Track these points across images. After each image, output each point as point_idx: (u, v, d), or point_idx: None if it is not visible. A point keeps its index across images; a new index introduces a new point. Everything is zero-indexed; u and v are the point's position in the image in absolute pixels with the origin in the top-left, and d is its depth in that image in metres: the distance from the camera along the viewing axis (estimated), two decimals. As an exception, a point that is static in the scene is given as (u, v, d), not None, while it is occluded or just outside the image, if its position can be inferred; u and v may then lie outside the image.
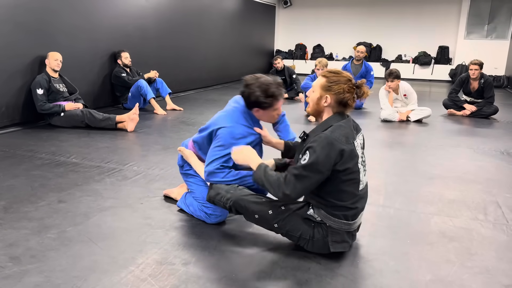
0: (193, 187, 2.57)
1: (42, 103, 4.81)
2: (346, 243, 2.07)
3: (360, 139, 2.10)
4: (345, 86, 1.99)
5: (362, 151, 2.09)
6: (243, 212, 2.14)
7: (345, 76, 2.02)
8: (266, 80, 2.27)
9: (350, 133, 1.99)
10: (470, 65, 6.09)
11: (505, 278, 1.98)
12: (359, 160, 2.00)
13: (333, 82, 2.00)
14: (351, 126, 2.04)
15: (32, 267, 1.96)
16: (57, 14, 5.33)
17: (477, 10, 11.36)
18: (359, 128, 2.15)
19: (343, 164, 1.92)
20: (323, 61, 5.96)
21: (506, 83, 10.78)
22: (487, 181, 3.38)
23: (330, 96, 2.01)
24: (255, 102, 2.27)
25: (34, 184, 3.06)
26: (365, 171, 2.10)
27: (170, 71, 7.69)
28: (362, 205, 2.09)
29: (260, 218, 2.10)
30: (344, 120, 2.03)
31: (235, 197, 2.13)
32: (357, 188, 2.02)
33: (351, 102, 2.03)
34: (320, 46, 13.08)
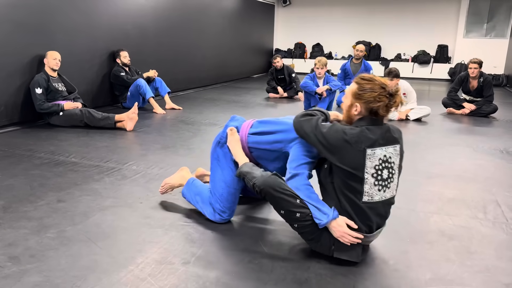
0: (218, 173, 2.41)
1: (41, 103, 4.80)
2: (352, 253, 2.01)
3: (388, 152, 1.94)
4: (376, 94, 1.89)
5: (386, 165, 1.93)
6: (270, 201, 2.04)
7: (378, 84, 1.91)
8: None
9: (368, 139, 1.89)
10: (470, 64, 6.09)
11: (505, 276, 1.98)
12: (367, 170, 1.89)
13: (364, 90, 1.92)
14: (378, 134, 1.92)
15: (31, 267, 1.96)
16: (56, 13, 5.31)
17: (476, 9, 11.36)
18: (394, 140, 1.97)
19: (338, 161, 1.90)
20: (323, 60, 5.96)
21: (505, 81, 10.78)
22: (487, 180, 3.38)
23: (360, 105, 1.93)
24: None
25: (33, 184, 3.06)
26: (383, 187, 1.95)
27: (169, 70, 7.68)
28: (368, 221, 1.97)
29: (284, 214, 2.02)
30: (375, 126, 1.93)
31: (268, 187, 2.00)
32: (359, 197, 1.93)
33: (382, 112, 1.92)
34: (319, 45, 13.07)
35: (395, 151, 1.98)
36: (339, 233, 1.95)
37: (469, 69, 6.11)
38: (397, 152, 1.99)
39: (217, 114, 5.98)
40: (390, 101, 1.91)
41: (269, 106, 6.96)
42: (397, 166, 2.00)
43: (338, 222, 1.95)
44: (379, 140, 1.92)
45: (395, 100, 1.92)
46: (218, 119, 5.58)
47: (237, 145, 2.36)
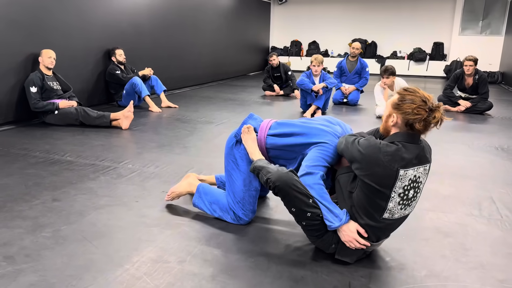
0: (237, 176, 2.37)
1: (35, 101, 4.78)
2: (354, 256, 2.01)
3: (418, 172, 1.87)
4: (415, 106, 1.80)
5: (413, 185, 1.87)
6: (283, 198, 1.99)
7: (419, 96, 1.83)
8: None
9: (403, 159, 1.81)
10: (465, 61, 6.11)
11: (500, 273, 1.99)
12: (396, 189, 1.83)
13: (404, 100, 1.84)
14: (413, 154, 1.84)
15: (26, 266, 1.95)
16: (50, 12, 5.28)
17: (472, 6, 11.39)
18: (426, 160, 1.91)
19: (367, 177, 1.84)
20: (319, 57, 5.96)
21: (500, 79, 10.82)
22: (482, 176, 3.39)
23: (398, 116, 1.86)
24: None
25: (28, 183, 3.04)
26: (405, 205, 1.90)
27: (165, 68, 7.66)
28: (380, 234, 1.97)
29: (295, 212, 1.99)
30: (411, 145, 1.85)
31: (282, 183, 1.95)
32: (379, 214, 1.88)
33: (418, 126, 1.81)
34: (315, 43, 13.07)
35: (424, 171, 1.92)
36: (348, 237, 1.94)
37: (464, 67, 6.13)
38: (426, 172, 1.93)
39: (213, 112, 5.97)
40: (429, 116, 1.80)
41: (266, 104, 6.96)
42: (423, 185, 1.95)
43: (350, 228, 1.94)
44: (413, 160, 1.84)
45: (434, 115, 1.81)
46: (214, 117, 5.57)
47: (254, 143, 2.33)
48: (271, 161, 2.38)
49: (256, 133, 2.38)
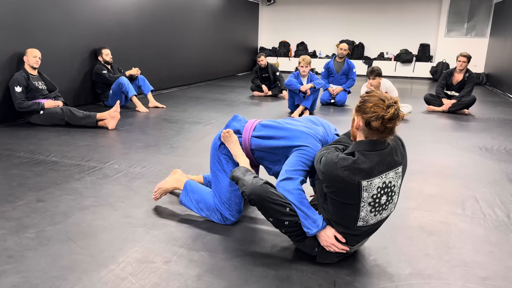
0: (222, 176, 2.38)
1: (20, 101, 4.72)
2: (334, 256, 2.02)
3: (388, 177, 1.83)
4: (372, 104, 1.76)
5: (385, 191, 1.84)
6: (259, 209, 1.99)
7: (378, 96, 1.79)
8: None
9: (362, 171, 1.76)
10: (459, 56, 6.24)
11: (482, 270, 2.02)
12: (364, 199, 1.80)
13: (363, 102, 1.80)
14: (374, 162, 1.78)
15: (9, 268, 1.93)
16: (35, 10, 5.22)
17: (457, 8, 11.55)
18: (395, 163, 1.85)
19: (333, 194, 1.84)
20: (307, 58, 5.98)
21: (485, 80, 10.99)
22: (466, 176, 3.44)
23: (358, 118, 1.82)
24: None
25: (12, 183, 3.00)
26: (377, 212, 1.87)
27: (152, 68, 7.62)
28: (359, 238, 1.97)
29: (273, 222, 1.99)
30: (372, 153, 1.78)
31: (257, 195, 1.95)
32: (353, 223, 1.87)
33: (375, 124, 1.74)
34: (303, 44, 13.12)
35: (396, 175, 1.87)
36: (326, 243, 1.96)
37: (457, 62, 6.27)
38: (398, 175, 1.89)
39: (201, 112, 5.96)
40: (385, 112, 1.73)
41: (254, 104, 6.97)
42: (398, 187, 1.91)
43: (327, 233, 1.96)
44: (377, 167, 1.78)
45: (389, 111, 1.74)
46: (202, 118, 5.56)
47: (236, 145, 2.33)
48: (257, 163, 2.39)
49: (240, 134, 2.38)
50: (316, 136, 2.21)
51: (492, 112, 6.56)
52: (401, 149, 1.94)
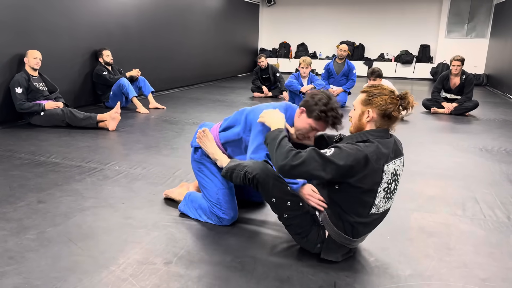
0: (206, 183, 2.43)
1: (21, 102, 4.72)
2: (338, 254, 2.04)
3: (396, 165, 1.93)
4: (387, 97, 1.89)
5: (394, 178, 1.93)
6: (262, 189, 1.99)
7: (386, 88, 1.93)
8: (336, 106, 2.18)
9: (384, 155, 1.86)
10: (453, 61, 6.20)
11: (482, 272, 2.03)
12: (381, 185, 1.88)
13: (374, 95, 1.91)
14: (390, 148, 1.89)
15: (10, 269, 1.93)
16: (36, 12, 5.23)
17: (457, 9, 11.55)
18: (399, 152, 1.97)
19: (359, 180, 1.83)
20: (307, 59, 6.00)
21: (485, 81, 10.99)
22: (466, 177, 3.44)
23: (373, 110, 1.91)
24: (310, 104, 2.15)
25: (13, 185, 3.01)
26: (389, 199, 1.96)
27: (152, 70, 7.63)
28: (368, 229, 2.01)
29: (275, 203, 1.99)
30: (385, 140, 1.90)
31: (261, 171, 1.97)
32: (367, 211, 1.92)
33: (396, 114, 1.89)
34: (304, 45, 13.13)
35: (400, 163, 1.97)
36: (309, 195, 2.01)
37: (452, 66, 6.23)
38: (402, 164, 1.99)
39: (202, 113, 5.96)
40: (402, 102, 1.88)
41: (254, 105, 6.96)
42: (400, 177, 2.01)
43: (309, 188, 2.03)
44: (391, 154, 1.89)
45: (407, 101, 1.88)
46: (203, 119, 5.56)
47: (212, 144, 2.40)
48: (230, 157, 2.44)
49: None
50: (269, 106, 2.31)
51: (493, 113, 6.56)
52: (400, 142, 2.03)
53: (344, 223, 1.96)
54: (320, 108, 2.13)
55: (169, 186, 3.05)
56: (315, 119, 2.16)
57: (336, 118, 2.16)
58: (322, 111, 2.13)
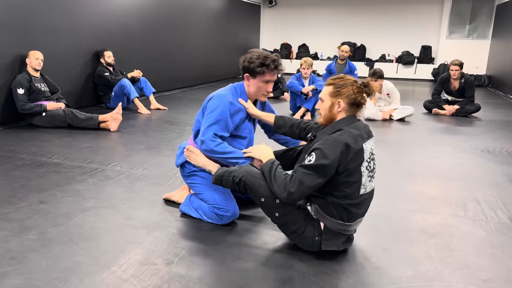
0: (201, 189, 2.49)
1: (23, 103, 4.73)
2: (339, 242, 2.07)
3: (371, 144, 2.06)
4: (353, 87, 2.02)
5: (372, 157, 2.05)
6: (250, 190, 2.09)
7: (350, 79, 2.06)
8: (267, 52, 2.41)
9: (359, 136, 1.98)
10: (451, 65, 6.18)
11: (484, 273, 2.02)
12: (363, 164, 1.98)
13: (341, 86, 2.03)
14: (361, 130, 2.03)
15: (11, 269, 1.93)
16: (38, 13, 5.24)
17: (459, 10, 11.54)
18: (370, 133, 2.12)
19: (346, 165, 1.92)
20: (309, 60, 5.99)
21: (487, 82, 10.97)
22: (468, 178, 3.44)
23: (343, 100, 2.03)
24: (248, 66, 2.35)
25: (14, 185, 3.01)
26: (372, 177, 2.06)
27: (154, 70, 7.63)
28: (361, 210, 2.06)
29: (264, 203, 2.07)
30: (355, 124, 2.03)
31: (246, 173, 2.09)
32: (357, 192, 1.99)
33: (363, 101, 2.05)
34: (305, 46, 13.13)
35: (373, 143, 2.11)
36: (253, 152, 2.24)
37: (450, 71, 6.21)
38: (374, 144, 2.13)
39: (203, 114, 5.95)
40: (366, 90, 2.05)
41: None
42: (375, 157, 2.13)
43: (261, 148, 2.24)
44: (364, 134, 2.02)
45: (370, 87, 2.05)
46: (204, 119, 5.56)
47: (201, 156, 2.47)
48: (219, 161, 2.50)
49: None
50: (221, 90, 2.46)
51: (494, 114, 6.55)
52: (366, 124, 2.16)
53: (337, 209, 2.00)
54: (257, 63, 2.32)
55: (170, 186, 3.05)
56: (260, 74, 2.36)
57: (274, 60, 2.36)
58: (260, 65, 2.32)
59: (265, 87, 2.42)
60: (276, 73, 2.41)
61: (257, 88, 2.42)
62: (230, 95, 2.42)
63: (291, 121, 2.46)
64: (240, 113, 2.44)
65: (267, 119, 2.52)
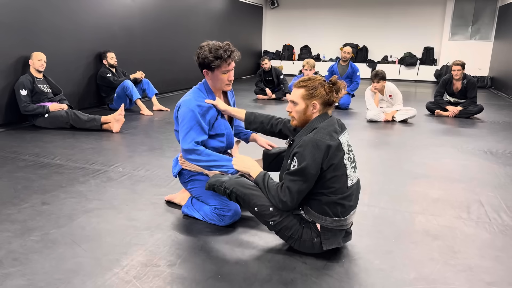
0: (200, 192, 2.50)
1: (25, 104, 4.74)
2: (338, 239, 2.08)
3: (346, 137, 2.09)
4: (325, 87, 2.06)
5: (349, 148, 2.09)
6: (243, 201, 2.11)
7: (319, 79, 2.09)
8: (217, 43, 2.37)
9: (334, 130, 2.01)
10: (453, 66, 6.17)
11: (487, 275, 2.01)
12: (345, 156, 2.01)
13: (314, 88, 2.05)
14: (335, 124, 2.05)
15: (14, 270, 1.93)
16: (41, 14, 5.26)
17: (461, 12, 11.53)
18: (344, 126, 2.15)
19: (329, 161, 1.94)
20: (311, 61, 6.00)
21: (489, 83, 10.95)
22: (471, 180, 3.43)
23: (316, 101, 2.05)
24: (203, 63, 2.36)
25: (17, 186, 3.02)
26: (355, 168, 2.10)
27: (156, 72, 7.64)
28: (353, 201, 2.09)
29: (258, 212, 2.09)
30: (327, 120, 2.06)
31: (237, 185, 2.11)
32: (346, 185, 2.02)
33: (335, 99, 2.08)
34: (307, 47, 13.13)
35: (348, 136, 2.14)
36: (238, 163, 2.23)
37: (452, 71, 6.19)
38: (349, 136, 2.15)
39: (205, 115, 5.96)
40: (335, 88, 2.07)
41: (257, 107, 6.97)
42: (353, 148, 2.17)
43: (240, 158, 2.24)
44: (337, 128, 2.05)
45: (338, 85, 2.08)
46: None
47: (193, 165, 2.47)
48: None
49: None
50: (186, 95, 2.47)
51: (497, 116, 6.54)
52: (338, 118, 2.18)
53: (330, 207, 2.01)
54: (210, 58, 2.32)
55: (173, 188, 3.05)
56: (217, 67, 2.35)
57: (226, 50, 2.33)
58: (213, 58, 2.31)
59: (226, 77, 2.42)
60: (232, 60, 2.39)
61: (219, 80, 2.42)
62: (194, 98, 2.41)
63: (261, 117, 2.47)
64: (210, 111, 2.42)
65: (238, 115, 2.51)
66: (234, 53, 2.38)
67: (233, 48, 2.38)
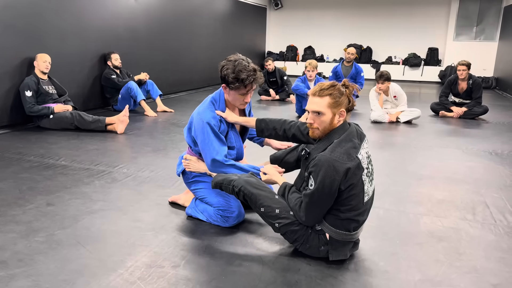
0: (204, 193, 2.50)
1: (30, 105, 4.77)
2: (346, 250, 2.06)
3: (365, 147, 2.00)
4: (346, 93, 1.98)
5: (369, 159, 2.01)
6: (250, 200, 2.10)
7: (338, 85, 1.99)
8: (244, 63, 2.28)
9: (353, 146, 1.91)
10: (458, 66, 6.16)
11: (493, 277, 2.00)
12: (364, 172, 1.94)
13: (337, 97, 1.95)
14: (354, 137, 1.96)
15: (19, 271, 1.94)
16: (46, 16, 5.28)
17: (466, 12, 11.48)
18: (363, 135, 2.05)
19: (347, 181, 1.88)
20: (313, 62, 5.99)
21: (494, 84, 10.90)
22: (476, 181, 3.41)
23: (343, 110, 1.97)
24: (224, 78, 2.31)
25: (22, 187, 3.03)
26: (372, 180, 2.03)
27: (160, 73, 7.66)
28: (365, 215, 2.05)
29: (265, 213, 2.08)
30: (347, 132, 1.97)
31: (246, 184, 2.09)
32: (362, 201, 1.97)
33: (354, 103, 2.04)
34: (311, 48, 13.12)
35: (367, 144, 2.05)
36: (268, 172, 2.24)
37: (458, 71, 6.17)
38: (368, 144, 2.07)
39: (209, 116, 5.96)
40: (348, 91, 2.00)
41: (261, 108, 6.97)
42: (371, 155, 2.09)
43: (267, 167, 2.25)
44: (356, 142, 1.95)
45: (350, 87, 2.01)
46: (210, 122, 5.56)
47: (200, 163, 2.49)
48: None
49: None
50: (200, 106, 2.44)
51: (502, 116, 6.50)
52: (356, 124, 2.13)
53: (342, 222, 1.98)
54: (231, 77, 2.24)
55: (177, 188, 3.05)
56: (236, 89, 2.29)
57: (249, 76, 2.25)
58: (234, 80, 2.24)
59: (243, 98, 2.35)
60: (252, 87, 2.32)
61: (235, 99, 2.36)
62: (209, 110, 2.38)
63: (273, 123, 2.38)
64: (221, 124, 2.40)
65: (248, 124, 2.45)
66: (257, 80, 2.29)
67: (257, 75, 2.29)
